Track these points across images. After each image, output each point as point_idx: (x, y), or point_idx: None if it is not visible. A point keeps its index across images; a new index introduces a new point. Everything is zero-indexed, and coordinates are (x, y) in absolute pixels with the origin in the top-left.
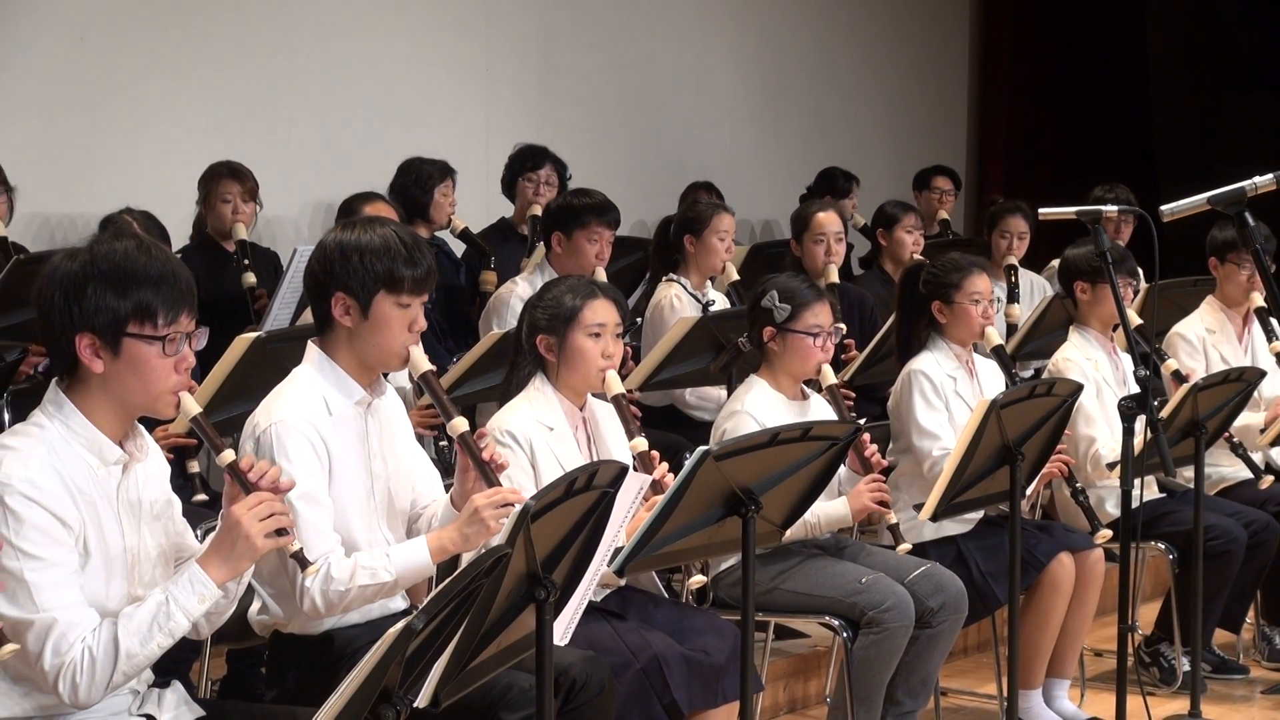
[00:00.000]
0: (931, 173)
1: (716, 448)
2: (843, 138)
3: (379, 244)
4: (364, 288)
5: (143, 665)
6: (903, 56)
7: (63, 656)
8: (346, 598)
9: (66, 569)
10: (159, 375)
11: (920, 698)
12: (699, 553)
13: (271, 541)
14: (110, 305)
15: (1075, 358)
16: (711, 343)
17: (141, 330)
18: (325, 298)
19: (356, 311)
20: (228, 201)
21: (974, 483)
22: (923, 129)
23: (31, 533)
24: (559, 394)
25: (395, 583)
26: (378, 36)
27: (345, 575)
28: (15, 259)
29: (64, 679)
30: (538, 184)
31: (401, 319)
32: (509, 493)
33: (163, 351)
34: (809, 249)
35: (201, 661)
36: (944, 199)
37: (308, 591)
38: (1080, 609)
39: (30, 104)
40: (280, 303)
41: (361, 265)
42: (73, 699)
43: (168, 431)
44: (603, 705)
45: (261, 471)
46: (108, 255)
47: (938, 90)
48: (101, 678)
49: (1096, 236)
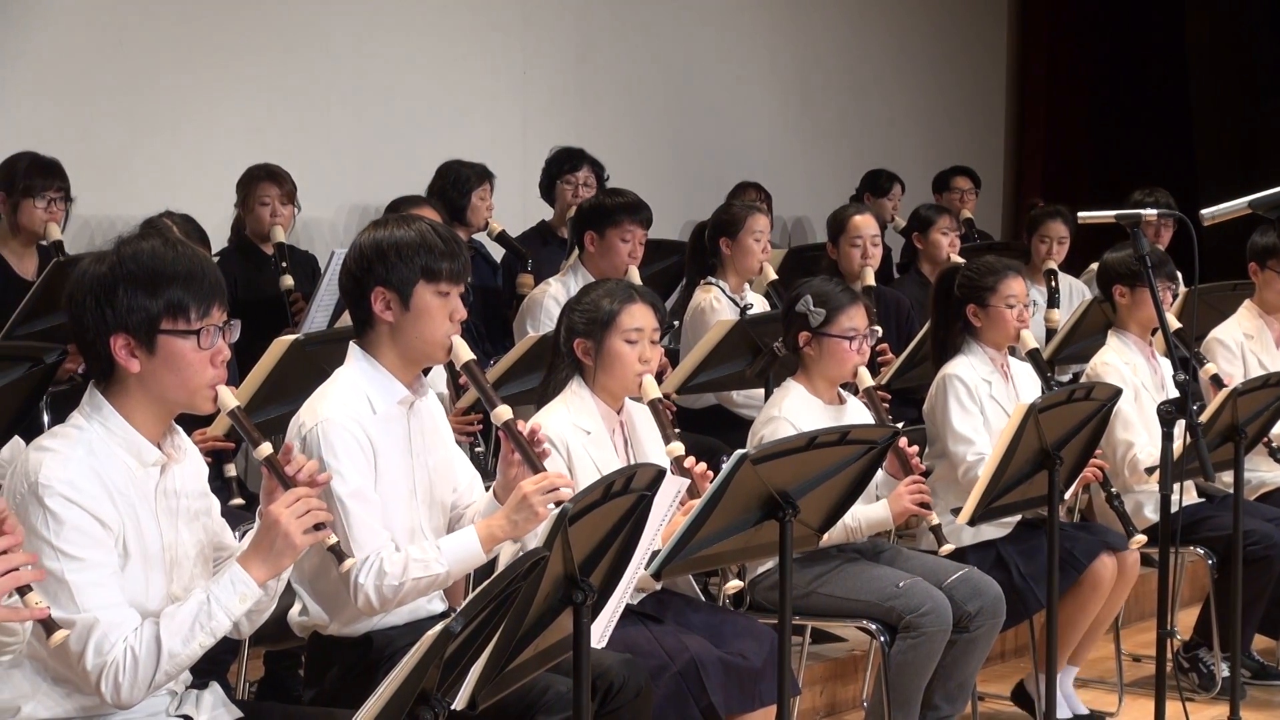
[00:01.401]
0: (950, 173)
1: (754, 451)
2: (880, 140)
3: (414, 238)
4: (403, 280)
5: (184, 665)
6: (940, 58)
7: (105, 656)
8: (400, 591)
9: (107, 569)
10: (195, 369)
11: (958, 702)
12: (736, 556)
13: (310, 537)
14: (142, 304)
15: (1114, 362)
16: (749, 346)
17: (175, 326)
18: (364, 295)
19: (397, 304)
20: (266, 204)
21: (1012, 486)
22: (960, 131)
23: (71, 534)
24: (596, 398)
25: (447, 574)
26: (416, 39)
27: (398, 569)
28: (55, 261)
29: (106, 679)
30: (576, 186)
31: (442, 308)
32: (556, 478)
33: (198, 345)
34: (845, 252)
35: (239, 663)
36: (964, 199)
37: (361, 587)
38: (1108, 605)
39: (70, 107)
40: (318, 305)
41: (399, 259)
42: (115, 699)
43: (205, 434)
44: (640, 708)
45: (299, 465)
46: (135, 256)
47: (975, 92)
48: (144, 677)
49: (1136, 240)
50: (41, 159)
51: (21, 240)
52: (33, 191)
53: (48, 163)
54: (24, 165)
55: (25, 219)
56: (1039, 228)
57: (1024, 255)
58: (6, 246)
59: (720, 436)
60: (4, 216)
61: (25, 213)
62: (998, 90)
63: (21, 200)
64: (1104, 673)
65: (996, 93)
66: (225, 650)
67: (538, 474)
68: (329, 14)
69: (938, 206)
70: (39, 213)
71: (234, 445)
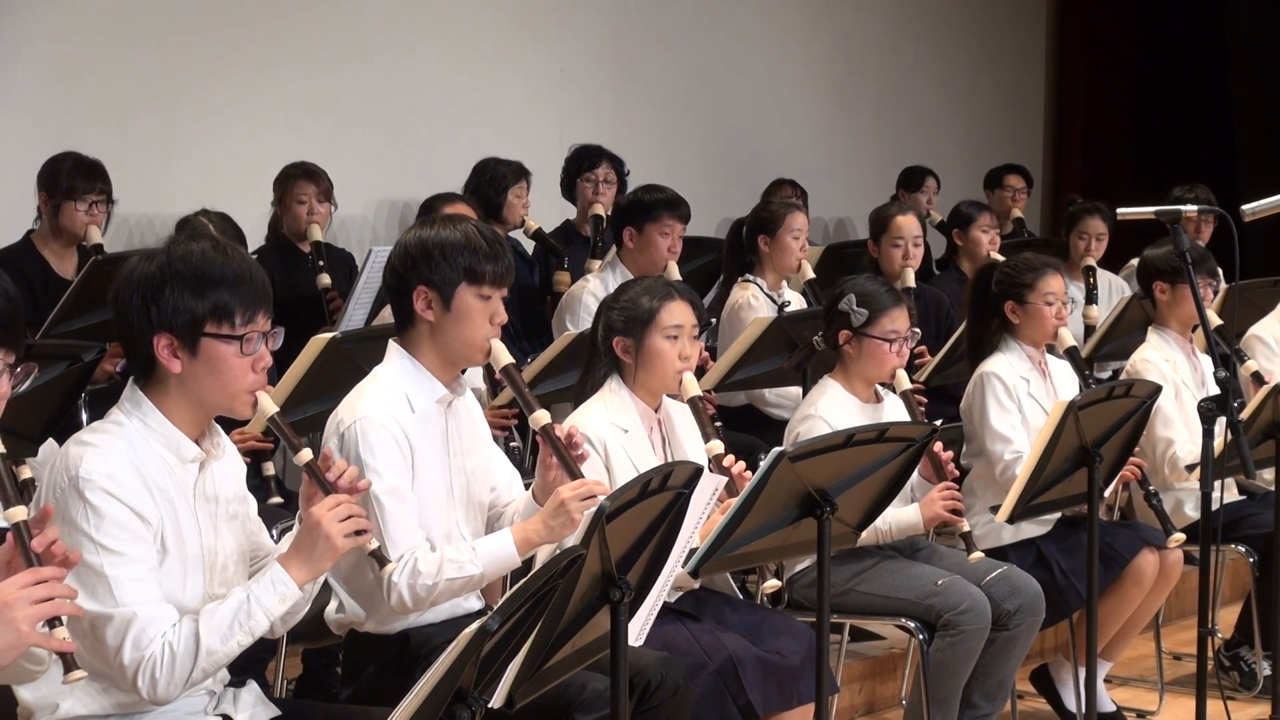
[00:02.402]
0: (1003, 171)
1: (792, 449)
2: (918, 137)
3: (459, 239)
4: (446, 281)
5: (221, 663)
6: (979, 54)
7: (142, 651)
8: (434, 591)
9: (145, 564)
10: (236, 375)
11: (997, 701)
12: (774, 554)
13: (351, 541)
14: (188, 306)
15: (1154, 359)
16: (786, 343)
17: (219, 330)
18: (407, 293)
19: (438, 304)
20: (303, 202)
21: (1051, 484)
22: (999, 128)
23: (111, 528)
24: (634, 396)
25: (482, 576)
26: (453, 39)
27: (432, 570)
28: (93, 259)
29: (143, 674)
30: (596, 183)
31: (483, 310)
32: (593, 484)
33: (240, 351)
34: (886, 251)
35: (277, 661)
36: (1016, 197)
37: (395, 586)
38: (1148, 603)
39: (108, 106)
40: (355, 304)
41: (443, 259)
42: (151, 694)
43: (244, 433)
44: (677, 706)
45: (340, 471)
46: (184, 256)
47: (1014, 88)
48: (181, 673)
49: (1176, 236)
50: (85, 161)
51: (62, 241)
52: (74, 194)
53: (90, 165)
54: (67, 167)
55: (66, 221)
56: (1077, 224)
57: (1062, 252)
58: (47, 247)
59: (755, 435)
60: (45, 217)
61: (66, 215)
62: (1036, 86)
63: (63, 202)
64: (1144, 671)
65: (1035, 89)
66: (263, 649)
67: (575, 479)
68: (366, 14)
69: (978, 204)
70: (80, 215)
71: (272, 445)
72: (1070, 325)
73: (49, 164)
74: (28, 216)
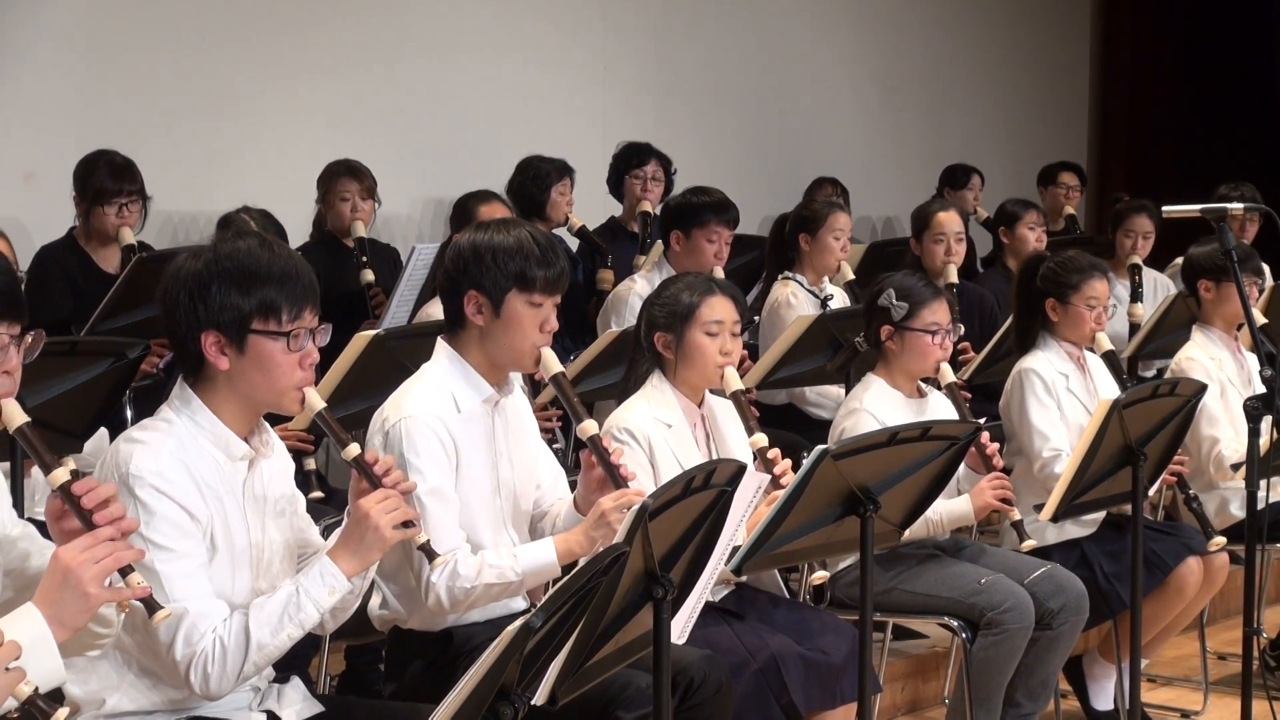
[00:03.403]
0: (1058, 168)
1: (835, 447)
2: (962, 135)
3: (513, 244)
4: (496, 286)
5: (273, 656)
6: (1023, 52)
7: (194, 646)
8: (472, 595)
9: (195, 560)
10: (284, 371)
11: (1040, 700)
12: (817, 552)
13: (399, 533)
14: (235, 303)
15: (1199, 357)
16: (829, 341)
17: (266, 326)
18: (458, 296)
19: (488, 310)
20: (346, 200)
21: (1095, 483)
22: (1043, 126)
23: (162, 524)
24: (677, 391)
25: (521, 583)
26: (496, 39)
27: (472, 573)
28: (137, 257)
29: (195, 669)
30: (644, 180)
31: (533, 318)
32: (635, 495)
33: (287, 347)
34: (929, 248)
35: (320, 657)
36: (1070, 195)
37: (434, 587)
38: (1192, 605)
39: (154, 106)
40: (399, 300)
41: (495, 264)
42: (203, 689)
43: (287, 430)
44: (720, 705)
45: (386, 466)
46: (231, 254)
47: (1058, 86)
48: (233, 668)
49: (1222, 234)
50: (116, 162)
51: (99, 240)
52: (103, 198)
53: (121, 166)
54: (98, 170)
55: (98, 224)
56: (1123, 222)
57: (1108, 250)
58: (89, 244)
59: (799, 433)
60: (79, 218)
61: (97, 218)
62: (1081, 85)
63: (93, 206)
64: (1189, 671)
65: (1080, 88)
66: (307, 645)
67: (618, 489)
68: (410, 15)
69: (1025, 201)
70: (111, 218)
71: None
72: (1115, 323)
73: (82, 164)
74: (74, 213)
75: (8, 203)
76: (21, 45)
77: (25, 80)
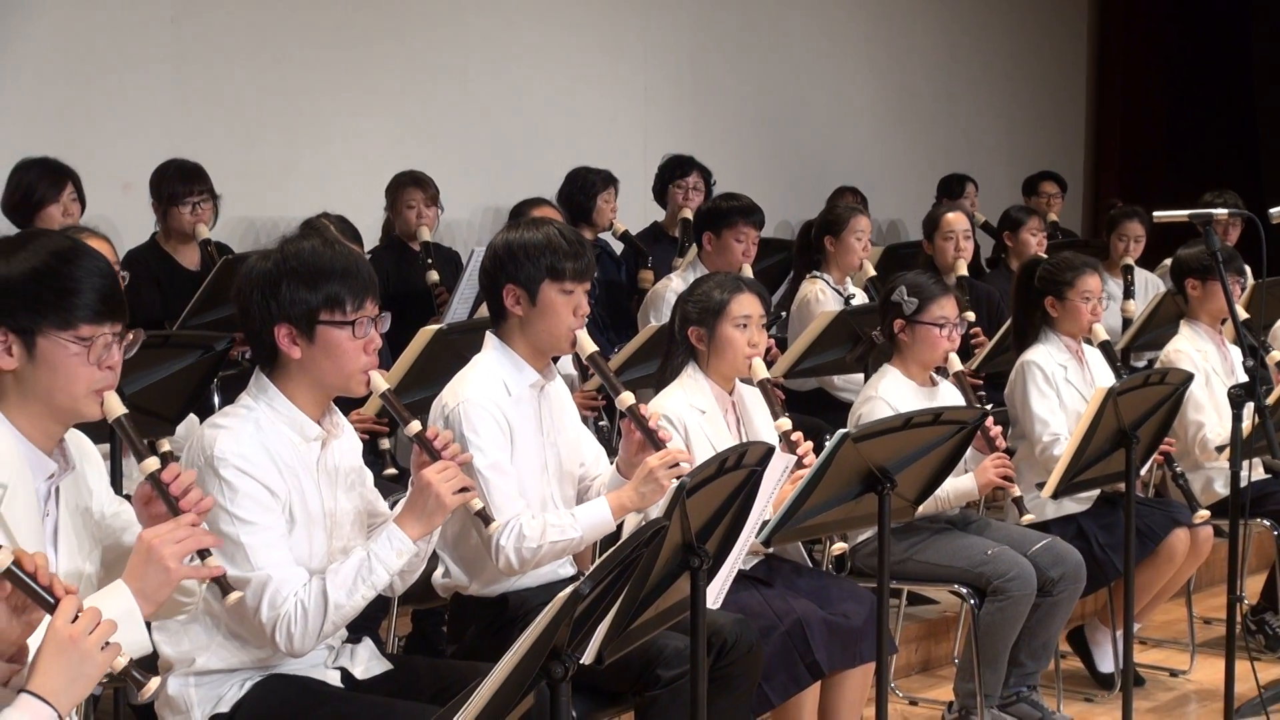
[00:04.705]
0: (1039, 178)
1: (855, 430)
2: (966, 145)
3: (542, 240)
4: (531, 279)
5: (349, 616)
6: (1023, 68)
7: (278, 609)
8: (538, 554)
9: (276, 532)
10: (350, 357)
11: (1042, 660)
12: (838, 526)
13: (459, 498)
14: (303, 298)
15: (1186, 349)
16: (850, 334)
17: (332, 317)
18: (498, 291)
19: (526, 300)
20: (411, 207)
21: (1092, 463)
22: (1042, 136)
23: (245, 500)
24: (709, 380)
25: (581, 539)
26: (548, 61)
27: (536, 534)
28: (224, 259)
29: (280, 630)
30: (686, 189)
31: (566, 304)
32: (678, 453)
33: (352, 334)
34: (940, 246)
35: (389, 620)
36: (1051, 202)
37: (503, 550)
38: (1180, 574)
39: (238, 121)
40: (460, 298)
41: (528, 259)
42: (288, 648)
43: (361, 416)
44: (751, 664)
45: (446, 440)
46: (297, 254)
47: (1056, 100)
48: (314, 627)
49: (1208, 237)
50: (185, 166)
51: (177, 240)
52: (176, 199)
53: (189, 170)
54: (168, 174)
55: (175, 223)
56: (1117, 227)
57: (1102, 252)
58: (169, 244)
59: (822, 417)
60: (158, 220)
61: (174, 218)
62: (1077, 100)
63: (169, 208)
64: (1177, 634)
65: (1076, 102)
66: (377, 608)
67: (660, 450)
68: (469, 38)
69: (1028, 208)
70: (186, 216)
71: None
72: (1109, 319)
73: (156, 173)
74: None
75: (107, 209)
76: (124, 69)
77: (125, 98)
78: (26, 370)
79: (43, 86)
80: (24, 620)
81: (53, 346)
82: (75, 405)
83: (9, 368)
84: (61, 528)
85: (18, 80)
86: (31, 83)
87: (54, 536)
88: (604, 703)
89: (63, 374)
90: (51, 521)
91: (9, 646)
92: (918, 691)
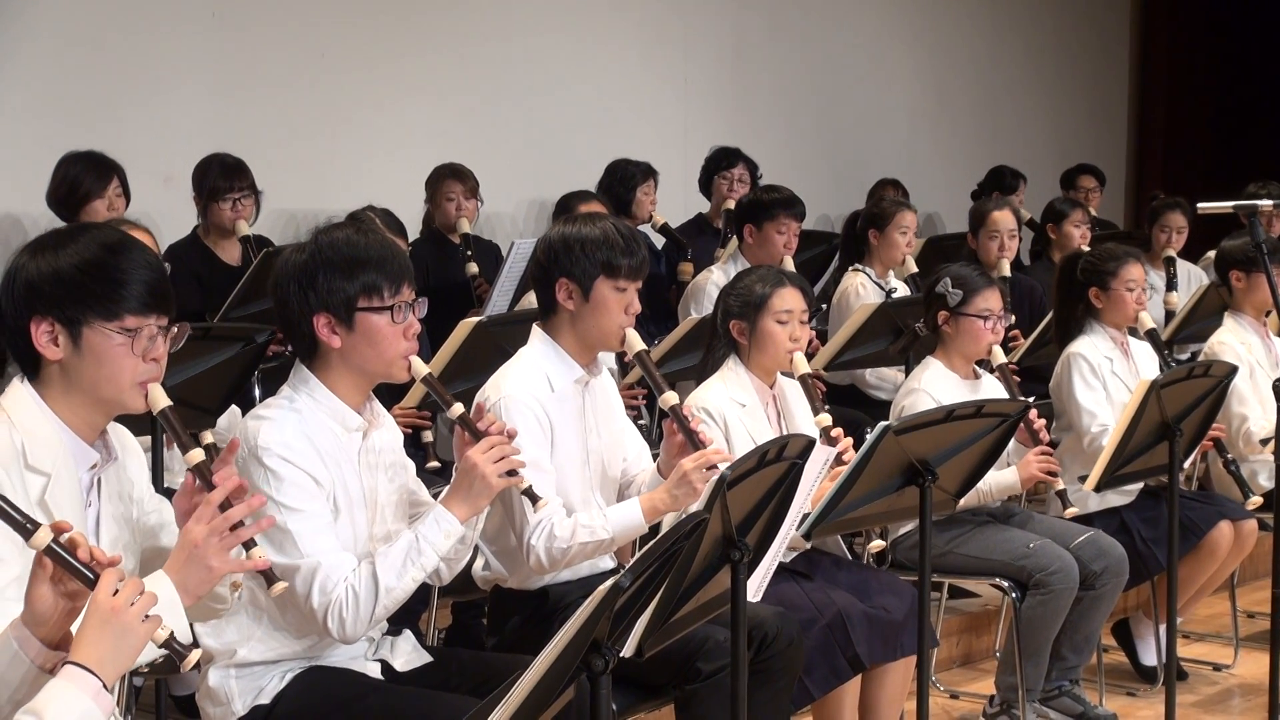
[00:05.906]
0: (1076, 172)
1: (896, 423)
2: (1009, 137)
3: (599, 235)
4: (585, 274)
5: (399, 599)
6: (1066, 61)
7: (329, 595)
8: (569, 554)
9: (322, 519)
10: (390, 342)
11: (1084, 654)
12: (879, 519)
13: (505, 480)
14: (341, 286)
15: (1230, 341)
16: (891, 327)
17: (371, 303)
18: (550, 284)
19: (578, 295)
20: (451, 199)
21: (1135, 456)
22: (1085, 129)
23: (290, 489)
24: (750, 374)
25: (612, 540)
26: (587, 53)
27: (567, 534)
28: (265, 251)
29: (332, 615)
30: (732, 181)
31: (618, 302)
32: (713, 454)
33: (391, 319)
34: (984, 244)
35: (430, 612)
36: (1089, 196)
37: (533, 549)
38: (1224, 567)
39: (279, 116)
40: (500, 290)
41: (583, 254)
42: (340, 633)
43: (404, 408)
44: (791, 657)
45: (489, 421)
46: (332, 244)
47: (1099, 93)
48: (365, 611)
49: (1253, 229)
50: (227, 162)
51: (218, 234)
52: (218, 195)
53: (232, 165)
54: (210, 169)
55: (215, 219)
56: (1160, 218)
57: (1145, 244)
58: (209, 238)
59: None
60: (200, 215)
61: (214, 214)
62: (1120, 91)
63: (209, 203)
64: (1221, 628)
65: (1119, 94)
66: (418, 601)
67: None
68: (510, 30)
69: (1072, 201)
70: (226, 212)
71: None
72: (1152, 311)
73: (198, 168)
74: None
75: (149, 203)
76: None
77: (166, 91)
78: (72, 361)
79: (84, 80)
80: (69, 598)
81: (98, 337)
82: (120, 397)
83: (55, 358)
84: (104, 518)
85: (60, 74)
86: (73, 76)
87: (96, 527)
88: (644, 696)
89: (108, 365)
90: (94, 512)
91: (55, 630)
92: (959, 685)
